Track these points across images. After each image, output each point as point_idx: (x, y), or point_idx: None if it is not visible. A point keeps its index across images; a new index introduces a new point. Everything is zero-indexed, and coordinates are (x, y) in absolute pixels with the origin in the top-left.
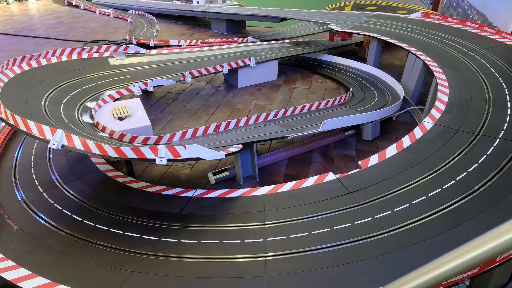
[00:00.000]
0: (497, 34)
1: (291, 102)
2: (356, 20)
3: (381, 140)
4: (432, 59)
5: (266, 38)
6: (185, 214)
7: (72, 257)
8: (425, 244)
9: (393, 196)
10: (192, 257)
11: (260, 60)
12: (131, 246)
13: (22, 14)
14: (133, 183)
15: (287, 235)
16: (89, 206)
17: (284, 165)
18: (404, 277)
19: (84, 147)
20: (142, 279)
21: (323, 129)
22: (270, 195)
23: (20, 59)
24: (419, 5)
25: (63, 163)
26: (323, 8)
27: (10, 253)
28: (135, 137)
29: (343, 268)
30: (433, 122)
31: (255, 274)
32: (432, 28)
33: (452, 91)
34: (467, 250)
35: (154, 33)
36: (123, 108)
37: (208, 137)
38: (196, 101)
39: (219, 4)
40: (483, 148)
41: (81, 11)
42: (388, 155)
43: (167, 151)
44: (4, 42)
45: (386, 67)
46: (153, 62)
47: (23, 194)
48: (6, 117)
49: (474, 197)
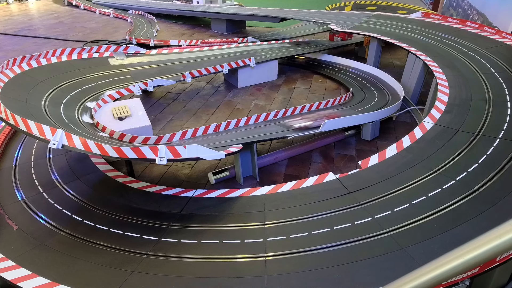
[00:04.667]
0: (497, 34)
1: (291, 102)
2: (356, 20)
3: (381, 140)
4: (432, 59)
5: (266, 38)
6: (185, 214)
7: (72, 257)
8: (425, 244)
9: (393, 196)
10: (192, 257)
11: (260, 60)
12: (131, 246)
13: (22, 14)
14: (133, 183)
15: (287, 235)
16: (89, 206)
17: (284, 165)
18: (404, 277)
19: (84, 147)
20: (142, 279)
21: (323, 129)
22: (270, 195)
23: (20, 59)
24: (419, 5)
25: (63, 163)
26: (323, 8)
27: (10, 253)
28: (135, 137)
29: (343, 268)
30: (433, 122)
31: (255, 274)
32: (432, 28)
33: (452, 91)
34: (467, 250)
35: (154, 33)
36: (123, 108)
37: (208, 137)
38: (196, 101)
39: (219, 4)
40: (483, 148)
41: (81, 11)
42: (388, 155)
43: (167, 151)
44: (4, 42)
45: (386, 67)
46: (153, 62)
47: (23, 194)
48: (6, 117)
49: (474, 197)
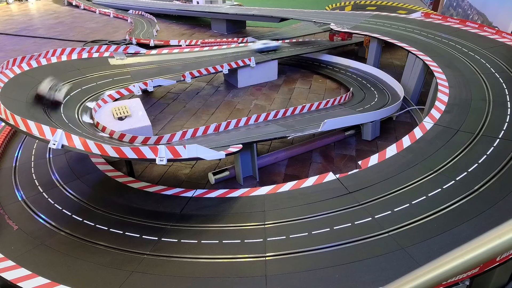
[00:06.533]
0: (497, 34)
1: (291, 102)
2: (356, 20)
3: (381, 140)
4: (432, 59)
5: (266, 38)
6: (185, 214)
7: (72, 257)
8: (425, 244)
9: (393, 196)
10: (192, 257)
11: (260, 60)
12: (131, 246)
13: (22, 14)
14: (133, 183)
15: (287, 235)
16: (89, 206)
17: (284, 165)
18: (404, 277)
19: (84, 147)
20: (142, 279)
21: (323, 129)
22: (270, 195)
23: (20, 59)
24: (419, 5)
25: (63, 163)
26: (323, 8)
27: (10, 253)
28: (135, 137)
29: (343, 268)
30: (433, 122)
31: (255, 274)
32: (432, 28)
33: (452, 91)
34: (467, 250)
35: (154, 33)
36: (123, 108)
37: (208, 137)
38: (196, 101)
39: (219, 4)
40: (483, 148)
41: (81, 11)
42: (388, 155)
43: (167, 151)
44: (4, 42)
45: (386, 67)
46: (153, 62)
47: (23, 194)
48: (6, 117)
49: (474, 197)
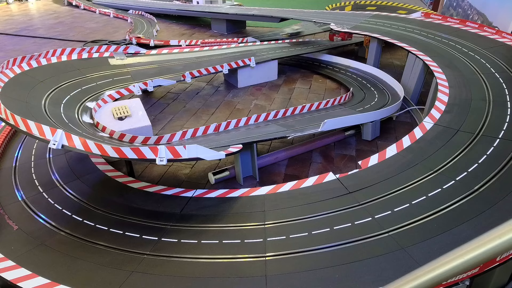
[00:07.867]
0: (497, 34)
1: (291, 102)
2: (356, 20)
3: (381, 140)
4: (432, 59)
5: (266, 38)
6: (185, 214)
7: (72, 257)
8: (425, 244)
9: (393, 196)
10: (192, 257)
11: (260, 60)
12: (131, 246)
13: (22, 14)
14: (133, 183)
15: (287, 235)
16: (89, 206)
17: (284, 165)
18: (404, 277)
19: (84, 147)
20: (142, 279)
21: (323, 129)
22: (270, 195)
23: (20, 59)
24: (419, 5)
25: (63, 163)
26: (323, 8)
27: (10, 253)
28: (135, 137)
29: (343, 268)
30: (433, 122)
31: (255, 274)
32: (432, 28)
33: (452, 91)
34: (467, 250)
35: (154, 33)
36: (123, 108)
37: (208, 137)
38: (196, 101)
39: (219, 4)
40: (483, 148)
41: (81, 11)
42: (388, 155)
43: (167, 151)
44: (4, 42)
45: (386, 67)
46: (153, 62)
47: (23, 194)
48: (6, 117)
49: (474, 197)
